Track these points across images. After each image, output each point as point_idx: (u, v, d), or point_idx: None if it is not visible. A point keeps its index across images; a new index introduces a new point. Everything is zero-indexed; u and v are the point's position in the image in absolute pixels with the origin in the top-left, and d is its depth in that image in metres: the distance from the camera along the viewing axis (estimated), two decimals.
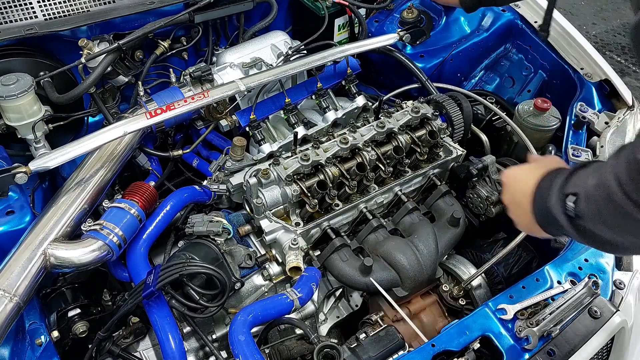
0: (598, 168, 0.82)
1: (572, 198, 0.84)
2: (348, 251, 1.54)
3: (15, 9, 1.61)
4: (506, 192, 1.14)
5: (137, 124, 1.50)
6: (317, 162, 1.57)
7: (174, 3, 1.79)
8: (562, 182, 0.89)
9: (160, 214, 1.52)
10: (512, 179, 1.12)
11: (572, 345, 1.26)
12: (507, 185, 1.13)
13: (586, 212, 0.81)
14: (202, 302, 1.32)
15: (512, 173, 1.13)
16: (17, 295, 1.18)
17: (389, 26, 2.17)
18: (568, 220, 0.86)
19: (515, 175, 1.11)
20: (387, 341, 1.29)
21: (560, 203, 0.87)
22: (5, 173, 1.33)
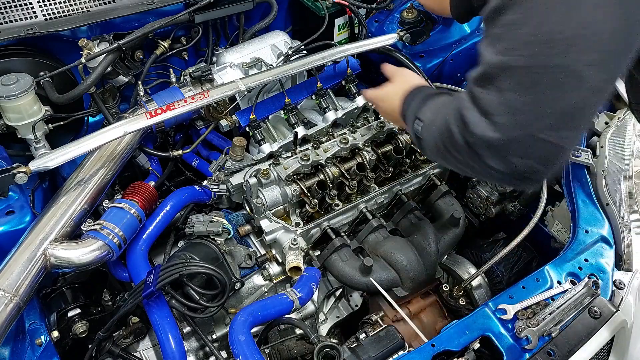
0: (440, 107, 1.02)
1: (420, 123, 1.06)
2: (348, 251, 1.54)
3: (15, 9, 1.61)
4: (379, 109, 1.46)
5: (137, 124, 1.50)
6: (317, 162, 1.57)
7: (174, 3, 1.79)
8: (417, 105, 1.12)
9: (160, 214, 1.52)
10: (380, 100, 1.42)
11: (572, 345, 1.25)
12: (378, 105, 1.44)
13: (424, 136, 1.04)
14: (202, 302, 1.32)
15: (378, 94, 1.42)
16: (17, 295, 1.18)
17: (389, 26, 2.17)
18: (414, 137, 1.10)
19: (382, 97, 1.40)
20: (387, 341, 1.29)
21: (412, 124, 1.10)
22: (5, 173, 1.32)
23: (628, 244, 1.49)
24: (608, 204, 1.56)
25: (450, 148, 0.93)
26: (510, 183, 0.94)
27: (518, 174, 0.85)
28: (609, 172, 1.61)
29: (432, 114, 1.04)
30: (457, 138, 0.89)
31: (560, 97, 0.76)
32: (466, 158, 0.90)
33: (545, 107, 0.77)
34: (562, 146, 0.81)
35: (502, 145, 0.82)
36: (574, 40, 0.72)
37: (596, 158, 1.66)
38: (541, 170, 0.84)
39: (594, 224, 1.52)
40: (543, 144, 0.80)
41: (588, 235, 1.49)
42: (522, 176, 0.86)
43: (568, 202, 1.61)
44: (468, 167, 0.93)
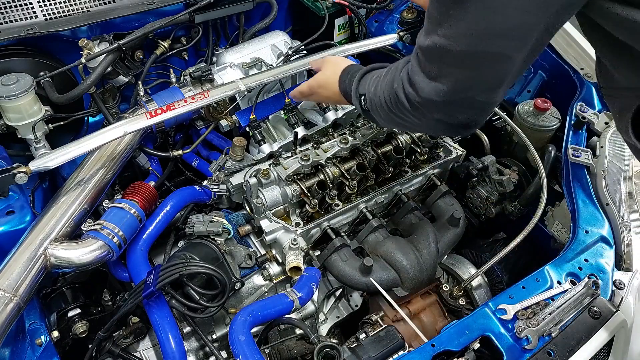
0: (380, 79, 1.17)
1: (363, 97, 1.25)
2: (348, 251, 1.54)
3: (15, 9, 1.61)
4: (319, 97, 1.55)
5: (137, 124, 1.50)
6: (317, 162, 1.57)
7: (174, 3, 1.79)
8: (356, 83, 1.29)
9: (160, 214, 1.52)
10: (317, 88, 1.51)
11: (572, 345, 1.25)
12: (316, 93, 1.53)
13: (370, 107, 1.22)
14: (202, 302, 1.32)
15: (313, 84, 1.52)
16: (18, 295, 1.18)
17: (389, 26, 2.17)
18: (362, 110, 1.28)
19: (319, 84, 1.50)
20: (387, 341, 1.29)
21: (358, 100, 1.29)
22: (5, 173, 1.32)
23: (628, 244, 1.49)
24: (608, 204, 1.56)
25: (397, 111, 1.10)
26: (456, 132, 1.16)
27: (462, 124, 1.05)
28: (608, 172, 1.61)
29: (372, 86, 1.20)
30: (402, 101, 1.06)
31: (492, 72, 0.94)
32: (413, 117, 1.07)
33: (481, 79, 0.95)
34: (493, 101, 1.01)
35: (447, 104, 0.99)
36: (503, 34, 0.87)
37: (596, 158, 1.66)
38: (479, 119, 1.05)
39: (594, 224, 1.52)
40: (479, 102, 0.99)
41: (588, 235, 1.49)
42: (465, 125, 1.05)
43: (568, 202, 1.61)
44: (415, 125, 1.11)
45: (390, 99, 1.10)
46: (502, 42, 0.88)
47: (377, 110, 1.19)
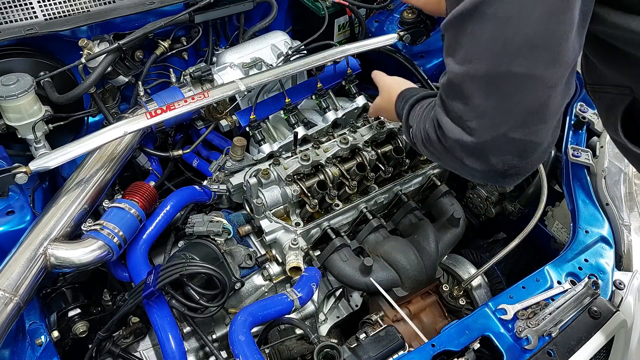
0: (420, 113, 1.12)
1: (411, 128, 1.16)
2: (348, 251, 1.54)
3: (15, 9, 1.61)
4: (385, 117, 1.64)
5: (137, 124, 1.50)
6: (317, 162, 1.57)
7: (174, 3, 1.79)
8: (407, 112, 1.22)
9: (160, 214, 1.52)
10: (380, 111, 1.59)
11: (572, 345, 1.25)
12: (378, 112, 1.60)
13: (415, 141, 1.12)
14: (202, 302, 1.32)
15: (376, 108, 1.60)
16: (17, 295, 1.18)
17: (389, 26, 2.17)
18: (410, 140, 1.18)
19: (380, 109, 1.57)
20: (387, 341, 1.29)
21: (406, 130, 1.21)
22: (5, 173, 1.32)
23: (628, 244, 1.49)
24: (608, 204, 1.56)
25: (434, 150, 1.00)
26: (495, 180, 0.95)
27: (499, 172, 0.89)
28: (608, 173, 1.61)
29: (415, 120, 1.13)
30: (435, 143, 0.96)
31: (521, 99, 0.81)
32: (449, 160, 0.96)
33: (510, 109, 0.82)
34: (535, 141, 0.85)
35: (477, 147, 0.86)
36: (528, 47, 0.77)
37: (596, 158, 1.66)
38: (520, 165, 0.88)
39: (594, 224, 1.52)
40: (515, 142, 0.84)
41: (588, 236, 1.49)
42: (504, 173, 0.89)
43: (568, 202, 1.61)
44: (453, 167, 0.99)
45: (425, 138, 1.02)
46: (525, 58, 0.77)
47: (419, 146, 1.09)
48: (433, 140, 0.97)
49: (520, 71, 0.78)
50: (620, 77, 0.94)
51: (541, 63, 0.78)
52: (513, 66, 0.78)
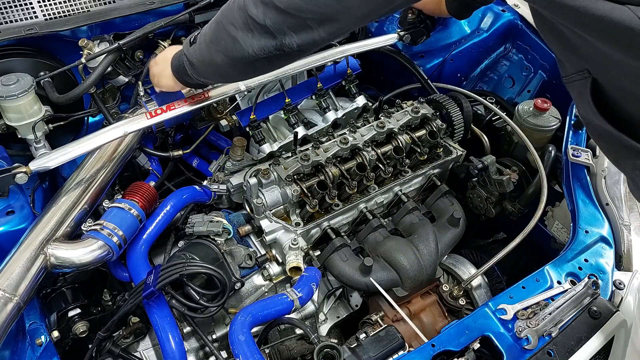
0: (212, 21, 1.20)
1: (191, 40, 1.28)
2: (348, 251, 1.54)
3: (15, 9, 1.61)
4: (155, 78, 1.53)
5: (137, 124, 1.50)
6: (317, 162, 1.57)
7: (174, 3, 1.79)
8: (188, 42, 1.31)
9: (160, 214, 1.52)
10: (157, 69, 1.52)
11: (571, 345, 1.25)
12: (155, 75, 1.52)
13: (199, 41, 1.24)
14: (202, 302, 1.32)
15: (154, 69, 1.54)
16: (18, 296, 1.18)
17: (389, 26, 2.17)
18: (186, 51, 1.30)
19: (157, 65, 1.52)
20: (387, 341, 1.29)
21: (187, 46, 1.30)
22: (5, 173, 1.32)
23: (628, 244, 1.49)
24: (608, 204, 1.56)
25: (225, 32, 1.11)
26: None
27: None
28: (608, 172, 1.61)
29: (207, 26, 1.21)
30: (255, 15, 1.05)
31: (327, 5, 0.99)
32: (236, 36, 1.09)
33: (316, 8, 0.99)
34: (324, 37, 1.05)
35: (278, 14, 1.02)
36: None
37: (596, 158, 1.66)
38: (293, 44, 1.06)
39: (594, 224, 1.52)
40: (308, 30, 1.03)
41: (588, 235, 1.50)
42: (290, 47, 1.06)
43: (568, 202, 1.61)
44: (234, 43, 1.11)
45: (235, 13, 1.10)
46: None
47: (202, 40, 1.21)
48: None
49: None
50: (578, 61, 0.98)
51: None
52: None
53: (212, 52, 1.19)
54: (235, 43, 1.11)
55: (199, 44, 1.25)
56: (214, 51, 1.19)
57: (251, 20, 1.06)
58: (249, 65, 1.16)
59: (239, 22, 1.08)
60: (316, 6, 1.00)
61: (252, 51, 1.10)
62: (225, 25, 1.12)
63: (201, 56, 1.25)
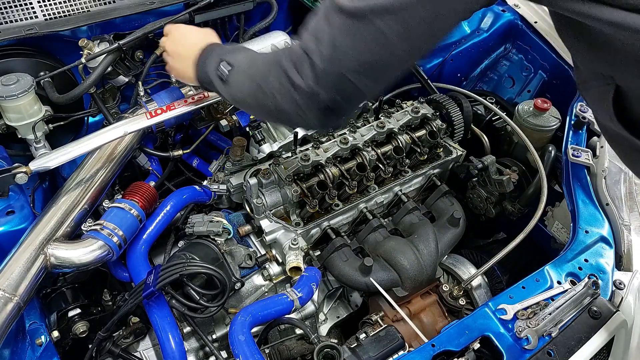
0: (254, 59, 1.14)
1: (228, 67, 1.16)
2: (348, 251, 1.54)
3: (15, 9, 1.61)
4: (171, 43, 1.41)
5: (138, 124, 1.50)
6: (317, 162, 1.57)
7: (174, 3, 1.79)
8: (223, 51, 1.21)
9: (160, 214, 1.52)
10: (180, 35, 1.39)
11: (572, 345, 1.25)
12: (173, 38, 1.40)
13: (232, 81, 1.15)
14: (202, 302, 1.32)
15: (179, 29, 1.41)
16: (18, 296, 1.18)
17: None
18: (216, 75, 1.18)
19: (183, 33, 1.39)
20: (387, 341, 1.29)
21: (216, 64, 1.18)
22: (5, 173, 1.32)
23: (628, 244, 1.49)
24: (608, 204, 1.56)
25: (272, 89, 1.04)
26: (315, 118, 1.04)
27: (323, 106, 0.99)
28: (609, 173, 1.61)
29: (247, 62, 1.14)
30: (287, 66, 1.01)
31: (371, 51, 0.93)
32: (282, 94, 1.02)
33: (358, 53, 0.93)
34: (362, 90, 0.98)
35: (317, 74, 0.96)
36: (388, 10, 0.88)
37: (596, 158, 1.66)
38: (343, 106, 1.01)
39: (594, 224, 1.52)
40: (348, 83, 0.96)
41: (588, 236, 1.49)
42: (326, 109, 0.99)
43: (568, 202, 1.61)
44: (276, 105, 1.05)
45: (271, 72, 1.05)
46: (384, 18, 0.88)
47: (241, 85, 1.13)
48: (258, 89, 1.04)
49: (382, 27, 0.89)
50: (602, 66, 0.97)
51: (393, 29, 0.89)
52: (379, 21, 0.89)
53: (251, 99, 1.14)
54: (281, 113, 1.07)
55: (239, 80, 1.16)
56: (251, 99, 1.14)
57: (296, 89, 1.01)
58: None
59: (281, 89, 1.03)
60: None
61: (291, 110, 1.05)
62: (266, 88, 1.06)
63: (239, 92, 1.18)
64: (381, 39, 0.91)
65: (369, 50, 0.93)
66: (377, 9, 0.88)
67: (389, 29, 0.89)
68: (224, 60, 1.18)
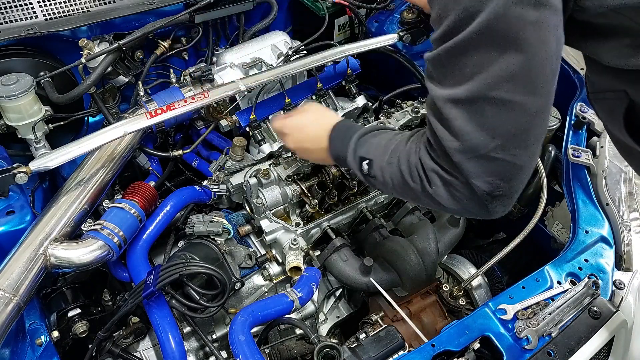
0: (390, 146, 1.07)
1: (367, 161, 1.11)
2: (348, 251, 1.54)
3: (15, 9, 1.61)
4: (291, 140, 1.37)
5: (138, 124, 1.50)
6: None
7: (174, 3, 1.79)
8: (355, 144, 1.15)
9: (160, 214, 1.52)
10: (295, 129, 1.35)
11: (572, 345, 1.25)
12: (293, 137, 1.36)
13: (378, 176, 1.09)
14: (202, 302, 1.32)
15: (292, 124, 1.36)
16: (18, 295, 1.18)
17: (389, 26, 2.17)
18: (362, 175, 1.14)
19: (299, 127, 1.34)
20: (387, 341, 1.29)
21: (357, 164, 1.14)
22: (5, 173, 1.32)
23: (628, 244, 1.49)
24: (608, 204, 1.56)
25: (412, 183, 1.00)
26: (484, 207, 0.95)
27: (485, 193, 0.91)
28: (609, 173, 1.61)
29: (383, 152, 1.09)
30: (431, 166, 0.96)
31: (501, 123, 0.86)
32: (428, 192, 0.97)
33: (490, 131, 0.87)
34: (516, 163, 0.89)
35: (459, 169, 0.90)
36: (510, 77, 0.83)
37: (596, 158, 1.66)
38: (504, 187, 0.91)
39: (594, 224, 1.52)
40: (497, 161, 0.88)
41: (588, 236, 1.49)
42: (490, 194, 0.91)
43: (568, 202, 1.61)
44: (431, 200, 0.98)
45: (405, 170, 1.01)
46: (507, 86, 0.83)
47: (387, 180, 1.07)
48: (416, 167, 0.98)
49: (500, 96, 0.83)
50: (615, 81, 0.96)
51: (520, 92, 0.84)
52: (494, 92, 0.83)
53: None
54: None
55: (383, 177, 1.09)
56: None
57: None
58: None
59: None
60: None
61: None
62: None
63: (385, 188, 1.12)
64: (509, 105, 0.85)
65: (501, 122, 0.86)
66: (490, 80, 0.83)
67: (511, 93, 0.84)
68: (361, 156, 1.14)
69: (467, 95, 0.85)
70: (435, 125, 0.93)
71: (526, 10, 0.79)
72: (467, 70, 0.85)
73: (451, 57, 0.86)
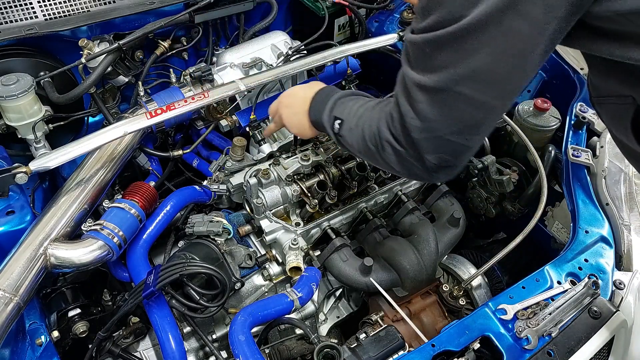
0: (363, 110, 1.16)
1: (339, 121, 1.21)
2: (348, 251, 1.54)
3: (15, 9, 1.61)
4: (283, 106, 1.44)
5: (138, 124, 1.50)
6: (317, 162, 1.57)
7: (174, 3, 1.79)
8: (333, 103, 1.24)
9: (160, 214, 1.52)
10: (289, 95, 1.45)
11: (572, 345, 1.25)
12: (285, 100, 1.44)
13: (346, 135, 1.19)
14: (202, 302, 1.32)
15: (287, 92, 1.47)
16: (18, 295, 1.18)
17: (389, 26, 2.17)
18: (333, 133, 1.23)
19: (292, 92, 1.45)
20: (387, 341, 1.29)
21: (330, 122, 1.23)
22: (5, 173, 1.32)
23: (628, 244, 1.49)
24: (608, 204, 1.56)
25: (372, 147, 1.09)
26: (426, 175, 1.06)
27: (433, 166, 1.01)
28: (609, 172, 1.61)
29: (353, 115, 1.18)
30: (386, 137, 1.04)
31: (461, 115, 0.94)
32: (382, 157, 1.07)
33: (450, 119, 0.95)
34: (467, 145, 0.99)
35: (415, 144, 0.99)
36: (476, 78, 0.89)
37: (596, 158, 1.66)
38: (452, 161, 1.01)
39: (594, 224, 1.52)
40: (451, 143, 0.97)
41: (588, 236, 1.49)
42: (437, 167, 1.01)
43: (568, 202, 1.61)
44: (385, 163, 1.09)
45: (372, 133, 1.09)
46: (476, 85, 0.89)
47: (352, 140, 1.17)
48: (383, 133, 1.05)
49: (463, 92, 0.90)
50: (621, 86, 0.97)
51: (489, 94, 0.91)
52: (461, 87, 0.90)
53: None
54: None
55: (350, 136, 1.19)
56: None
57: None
58: None
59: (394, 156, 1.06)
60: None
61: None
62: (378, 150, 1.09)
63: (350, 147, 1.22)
64: (470, 101, 0.91)
65: (461, 113, 0.94)
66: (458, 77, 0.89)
67: (474, 91, 0.90)
68: (334, 114, 1.23)
69: (434, 85, 0.92)
70: (401, 100, 0.99)
71: (504, 21, 0.84)
72: (439, 63, 0.91)
73: (427, 47, 0.91)
